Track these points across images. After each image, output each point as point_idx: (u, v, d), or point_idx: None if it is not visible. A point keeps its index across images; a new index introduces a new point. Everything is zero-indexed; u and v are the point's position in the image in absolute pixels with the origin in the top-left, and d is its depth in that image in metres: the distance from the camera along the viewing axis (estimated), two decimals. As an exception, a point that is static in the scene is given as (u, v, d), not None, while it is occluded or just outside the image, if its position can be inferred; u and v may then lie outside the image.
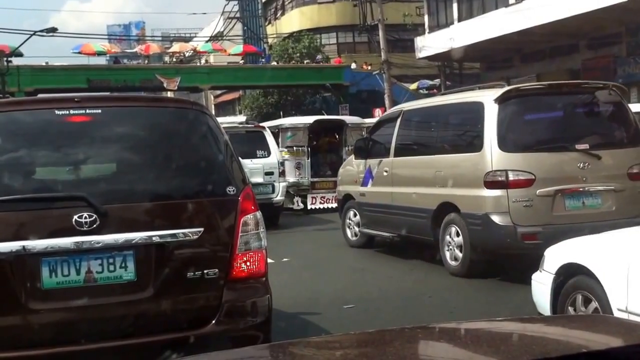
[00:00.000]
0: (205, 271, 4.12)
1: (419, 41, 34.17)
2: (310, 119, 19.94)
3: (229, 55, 40.78)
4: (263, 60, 39.47)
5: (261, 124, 18.31)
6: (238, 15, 46.08)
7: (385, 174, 10.71)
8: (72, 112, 4.23)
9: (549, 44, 29.83)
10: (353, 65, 38.84)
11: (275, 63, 39.71)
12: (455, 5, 31.85)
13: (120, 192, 4.21)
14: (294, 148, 19.00)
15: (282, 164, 16.20)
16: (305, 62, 39.26)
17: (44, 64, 33.54)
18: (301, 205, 18.79)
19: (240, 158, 4.85)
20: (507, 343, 2.04)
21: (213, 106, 63.47)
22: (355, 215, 11.81)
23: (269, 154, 15.81)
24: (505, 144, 8.43)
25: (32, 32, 30.13)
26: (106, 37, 47.16)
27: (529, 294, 6.18)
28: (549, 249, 5.83)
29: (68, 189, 4.17)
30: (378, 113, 33.62)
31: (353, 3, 38.37)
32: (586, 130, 8.88)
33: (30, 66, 32.42)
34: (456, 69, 37.49)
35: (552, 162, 8.53)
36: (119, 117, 4.45)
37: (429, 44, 33.07)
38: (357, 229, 11.83)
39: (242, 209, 4.23)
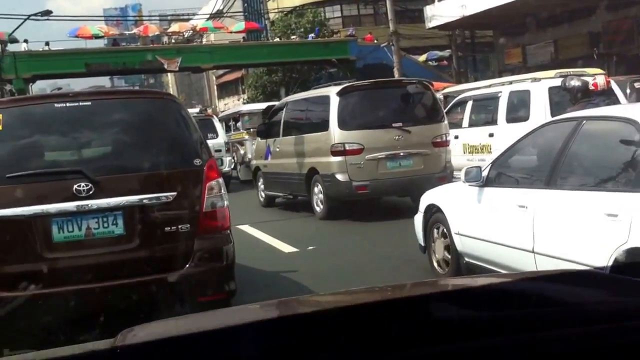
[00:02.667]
0: (179, 226, 5.08)
1: (429, 10, 32.77)
2: (263, 105, 22.65)
3: (231, 33, 39.41)
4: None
5: (210, 113, 23.55)
6: (238, -9, 44.73)
7: (277, 149, 14.05)
8: (68, 104, 5.22)
9: (566, 7, 28.42)
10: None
11: (278, 39, 38.45)
12: (466, -29, 30.47)
13: (110, 166, 5.23)
14: (251, 130, 21.48)
15: (227, 143, 20.54)
16: (309, 36, 37.95)
17: (41, 49, 32.29)
18: None
19: None
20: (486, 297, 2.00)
21: (215, 87, 62.35)
22: (261, 182, 15.07)
23: (217, 136, 19.77)
24: (343, 124, 11.68)
25: (26, 16, 28.99)
26: (103, 19, 45.93)
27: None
28: (424, 195, 7.64)
29: (69, 165, 5.24)
30: (389, 87, 32.45)
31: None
32: (401, 113, 12.16)
33: (27, 52, 31.22)
34: (468, 38, 36.20)
35: (376, 136, 11.71)
36: (106, 108, 5.51)
37: (439, 13, 31.64)
38: (263, 193, 15.14)
39: (207, 176, 5.20)
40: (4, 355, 5.06)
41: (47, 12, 29.51)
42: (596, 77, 9.61)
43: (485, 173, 6.32)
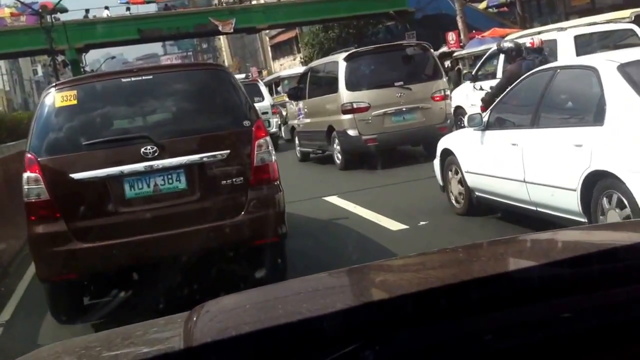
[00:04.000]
0: (234, 179, 5.81)
1: (489, -46, 31.31)
2: (302, 69, 23.49)
3: (283, -9, 38.41)
4: None
5: (255, 77, 25.16)
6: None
7: (306, 110, 15.93)
8: (132, 79, 6.02)
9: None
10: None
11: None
12: None
13: (172, 131, 5.96)
14: None
15: (273, 105, 21.76)
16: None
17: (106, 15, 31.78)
18: None
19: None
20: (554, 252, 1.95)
21: (269, 48, 61.41)
22: (297, 140, 17.13)
23: (263, 99, 21.00)
24: (350, 85, 13.43)
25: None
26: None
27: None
28: (440, 141, 8.68)
29: (136, 131, 6.01)
30: (452, 37, 31.09)
31: None
32: (402, 73, 13.70)
33: (78, 21, 30.71)
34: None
35: (380, 95, 13.35)
36: (166, 80, 6.36)
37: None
38: (299, 150, 17.18)
39: (255, 135, 5.90)
40: (85, 303, 6.01)
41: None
42: (533, 38, 11.08)
43: (485, 118, 7.47)
